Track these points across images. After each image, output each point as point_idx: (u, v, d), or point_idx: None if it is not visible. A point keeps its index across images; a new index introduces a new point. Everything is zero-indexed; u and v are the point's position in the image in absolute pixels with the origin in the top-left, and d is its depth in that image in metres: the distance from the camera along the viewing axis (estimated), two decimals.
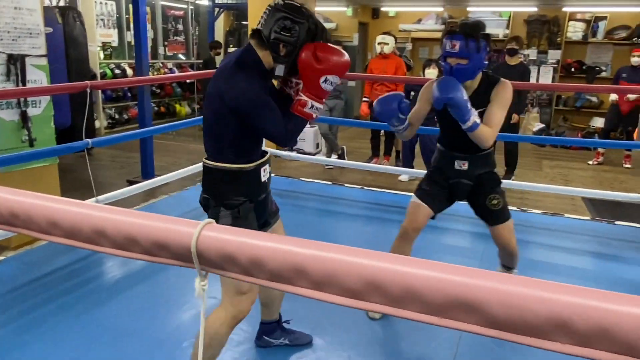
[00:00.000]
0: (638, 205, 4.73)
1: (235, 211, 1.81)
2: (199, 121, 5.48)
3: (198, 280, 0.64)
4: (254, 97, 1.68)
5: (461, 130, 2.24)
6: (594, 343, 0.44)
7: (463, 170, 2.45)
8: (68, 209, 0.65)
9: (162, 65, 9.36)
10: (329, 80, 1.75)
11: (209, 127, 1.81)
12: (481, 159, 2.46)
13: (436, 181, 2.52)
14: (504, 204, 2.45)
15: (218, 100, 1.72)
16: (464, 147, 2.41)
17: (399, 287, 0.49)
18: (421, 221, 2.48)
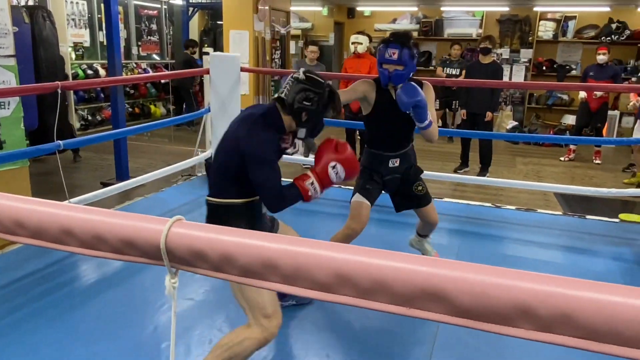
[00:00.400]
0: (607, 200, 4.87)
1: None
2: (175, 121, 5.43)
3: (168, 278, 0.63)
4: (266, 153, 1.90)
5: (393, 132, 2.67)
6: (556, 328, 0.45)
7: (395, 167, 2.73)
8: (34, 209, 0.63)
9: (135, 65, 9.22)
10: (337, 169, 2.03)
11: (219, 165, 1.97)
12: (408, 155, 2.77)
13: (374, 180, 2.73)
14: (426, 189, 2.79)
15: (234, 141, 1.90)
16: (395, 147, 2.72)
17: (368, 279, 0.50)
18: (366, 218, 2.69)
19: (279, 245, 0.54)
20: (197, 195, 4.60)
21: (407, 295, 0.49)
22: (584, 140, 7.12)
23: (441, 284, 0.48)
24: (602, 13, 8.89)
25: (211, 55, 4.70)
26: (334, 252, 0.52)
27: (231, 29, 6.80)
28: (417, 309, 0.50)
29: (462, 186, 5.47)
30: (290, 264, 0.53)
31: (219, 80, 4.60)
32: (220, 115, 4.68)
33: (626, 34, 8.74)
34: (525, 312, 0.46)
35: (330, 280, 0.51)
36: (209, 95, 4.71)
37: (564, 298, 0.45)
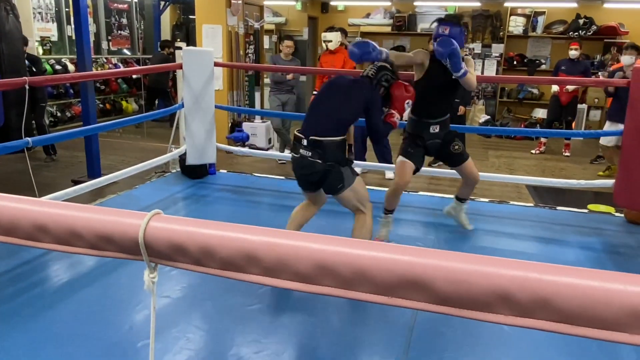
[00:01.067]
0: (577, 191, 4.99)
1: (350, 166, 2.72)
2: (147, 117, 5.34)
3: (147, 273, 0.62)
4: (380, 104, 2.81)
5: (439, 99, 3.20)
6: (535, 313, 0.46)
7: (436, 132, 3.26)
8: (5, 205, 0.61)
9: (106, 60, 9.03)
10: (409, 103, 2.92)
11: (337, 111, 2.68)
12: (446, 123, 3.31)
13: (417, 144, 3.27)
14: (463, 148, 3.35)
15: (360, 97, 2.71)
16: (436, 114, 3.23)
17: (349, 269, 0.50)
18: (410, 176, 3.28)
19: (260, 237, 0.54)
20: (171, 191, 4.54)
21: (388, 284, 0.49)
22: (554, 133, 7.28)
23: (422, 273, 0.48)
24: (569, 9, 9.09)
25: (184, 50, 4.63)
26: (314, 244, 0.52)
27: (204, 24, 6.71)
28: (399, 297, 0.50)
29: (436, 180, 5.54)
30: (271, 256, 0.52)
31: (193, 75, 4.54)
32: (194, 110, 4.62)
33: (593, 29, 8.96)
34: (504, 298, 0.47)
35: (312, 272, 0.51)
36: (182, 91, 4.64)
37: (542, 283, 0.46)
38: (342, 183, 2.65)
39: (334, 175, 2.62)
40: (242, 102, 7.29)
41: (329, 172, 2.61)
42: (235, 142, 6.62)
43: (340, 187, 2.66)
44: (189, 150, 4.70)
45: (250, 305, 2.62)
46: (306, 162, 2.61)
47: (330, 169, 2.60)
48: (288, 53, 6.03)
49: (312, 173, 2.64)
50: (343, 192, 2.68)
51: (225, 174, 5.22)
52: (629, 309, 0.44)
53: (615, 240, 3.79)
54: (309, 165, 2.61)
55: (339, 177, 2.63)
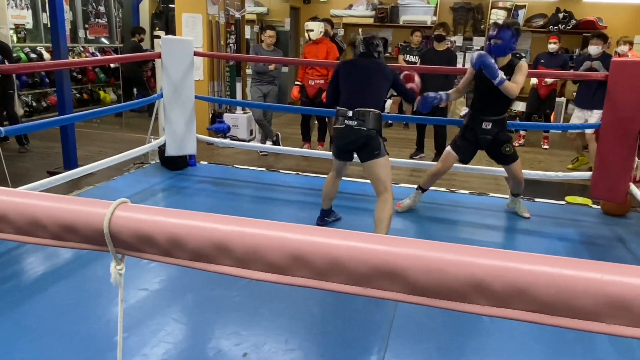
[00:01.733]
0: (554, 183, 5.07)
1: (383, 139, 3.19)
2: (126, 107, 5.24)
3: (113, 265, 0.59)
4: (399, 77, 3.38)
5: (491, 98, 3.49)
6: (511, 303, 0.46)
7: (488, 129, 3.60)
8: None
9: (83, 49, 8.82)
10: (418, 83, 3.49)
11: (376, 90, 3.17)
12: (499, 121, 3.63)
13: (467, 138, 3.71)
14: (513, 150, 3.69)
15: (386, 75, 3.20)
16: (490, 112, 3.58)
17: (324, 259, 0.48)
18: (451, 164, 3.83)
19: (231, 227, 0.52)
20: (150, 183, 4.48)
21: (363, 274, 0.48)
22: (533, 126, 7.37)
23: (397, 263, 0.47)
24: (549, 3, 9.18)
25: (163, 39, 4.54)
26: (288, 233, 0.50)
27: (184, 12, 6.60)
28: (374, 288, 0.49)
29: (417, 172, 5.56)
30: (243, 246, 0.50)
31: (172, 64, 4.46)
32: (173, 100, 4.55)
33: (572, 23, 9.06)
34: (481, 288, 0.46)
35: (286, 262, 0.50)
36: (161, 81, 4.56)
37: (518, 273, 0.45)
38: (378, 150, 3.12)
39: (374, 142, 3.11)
40: (223, 93, 7.20)
41: (371, 138, 3.09)
42: (216, 133, 6.55)
43: (376, 154, 3.12)
44: (169, 141, 4.63)
45: (231, 298, 2.60)
46: (352, 130, 3.10)
47: (372, 136, 3.09)
48: (270, 43, 5.96)
49: (356, 139, 3.11)
50: (377, 159, 3.12)
51: (205, 166, 5.16)
52: (605, 298, 0.43)
53: (592, 231, 3.86)
54: (354, 132, 3.10)
55: (377, 144, 3.11)
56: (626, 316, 0.43)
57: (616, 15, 9.03)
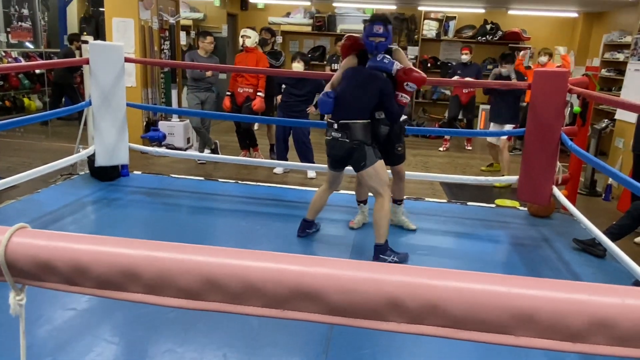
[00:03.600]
0: (485, 187, 5.30)
1: (374, 148, 3.19)
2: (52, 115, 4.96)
3: (12, 295, 0.55)
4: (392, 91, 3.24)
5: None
6: (425, 319, 0.46)
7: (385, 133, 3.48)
8: None
9: (4, 54, 8.31)
10: (410, 85, 3.23)
11: (358, 99, 3.16)
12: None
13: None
14: (404, 151, 3.68)
15: (377, 86, 3.16)
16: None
17: (238, 282, 0.47)
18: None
19: (139, 251, 0.49)
20: (79, 195, 4.26)
21: (280, 296, 0.47)
22: (464, 133, 7.74)
23: (313, 283, 0.46)
24: (478, 14, 9.63)
25: (91, 44, 4.35)
26: (199, 256, 0.48)
27: (114, 17, 6.37)
28: (291, 310, 0.47)
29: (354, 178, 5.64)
30: (152, 271, 0.48)
31: (101, 71, 4.28)
32: (103, 108, 4.36)
33: (499, 34, 9.55)
34: (395, 306, 0.46)
35: (198, 287, 0.47)
36: (90, 88, 4.36)
37: (430, 289, 0.45)
38: (364, 161, 3.15)
39: (359, 153, 3.14)
40: (157, 100, 7.00)
41: (355, 149, 3.13)
42: (150, 142, 6.34)
43: (363, 165, 3.16)
44: (99, 151, 4.43)
45: (164, 314, 2.50)
46: (337, 142, 3.17)
47: (356, 147, 3.13)
48: (209, 50, 5.86)
49: (341, 151, 3.19)
50: (366, 169, 3.16)
51: (139, 176, 4.97)
52: (512, 311, 0.44)
53: (520, 232, 4.05)
54: (339, 144, 3.16)
55: (362, 154, 3.14)
56: (534, 328, 0.44)
57: (539, 27, 9.61)
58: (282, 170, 5.73)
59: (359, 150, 3.12)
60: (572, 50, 9.40)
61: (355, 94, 3.16)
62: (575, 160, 4.32)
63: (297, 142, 5.54)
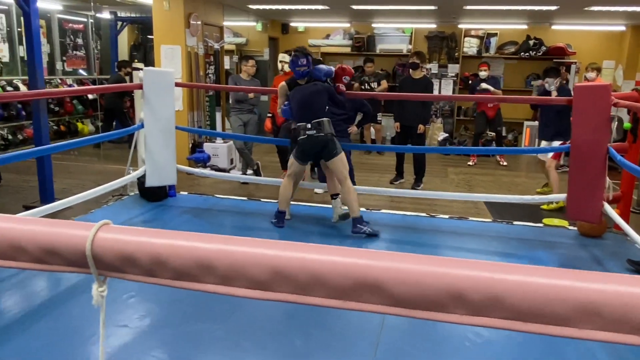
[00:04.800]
0: (532, 206, 5.16)
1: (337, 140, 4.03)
2: (104, 138, 5.21)
3: (95, 287, 0.59)
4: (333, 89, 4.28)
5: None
6: (488, 312, 0.47)
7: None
8: None
9: (60, 81, 8.79)
10: (347, 78, 4.47)
11: (316, 103, 4.01)
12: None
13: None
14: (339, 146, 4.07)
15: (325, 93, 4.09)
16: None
17: (305, 274, 0.49)
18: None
19: (213, 245, 0.52)
20: (130, 215, 4.42)
21: (344, 288, 0.49)
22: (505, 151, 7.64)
23: (376, 275, 0.48)
24: (520, 30, 9.52)
25: (145, 70, 4.56)
26: (269, 249, 0.51)
27: (162, 44, 6.66)
28: (354, 301, 0.50)
29: (398, 197, 5.61)
30: (225, 263, 0.51)
31: (152, 95, 4.47)
32: (154, 131, 4.54)
33: (542, 49, 9.39)
34: (458, 298, 0.47)
35: (268, 278, 0.50)
36: (142, 111, 4.56)
37: (493, 282, 0.47)
38: (336, 149, 3.95)
39: (332, 144, 3.95)
40: (202, 123, 7.22)
41: (329, 141, 3.93)
42: (196, 163, 6.53)
43: (335, 153, 3.94)
44: (149, 172, 4.60)
45: (211, 332, 2.55)
46: (314, 138, 3.90)
47: (330, 139, 3.93)
48: (251, 73, 6.05)
49: (317, 145, 3.93)
50: (337, 157, 3.95)
51: (185, 196, 5.12)
52: (576, 304, 0.45)
53: (569, 252, 3.92)
54: (316, 139, 3.90)
55: (334, 144, 3.95)
56: (596, 321, 0.44)
57: (585, 42, 9.39)
58: (322, 190, 5.77)
59: (332, 142, 3.94)
60: (620, 65, 9.12)
61: (312, 99, 3.98)
62: (628, 177, 4.17)
63: None
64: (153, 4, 6.65)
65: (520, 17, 8.67)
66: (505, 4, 7.10)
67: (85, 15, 9.60)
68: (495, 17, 8.70)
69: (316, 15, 9.14)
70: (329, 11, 8.33)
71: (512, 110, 9.44)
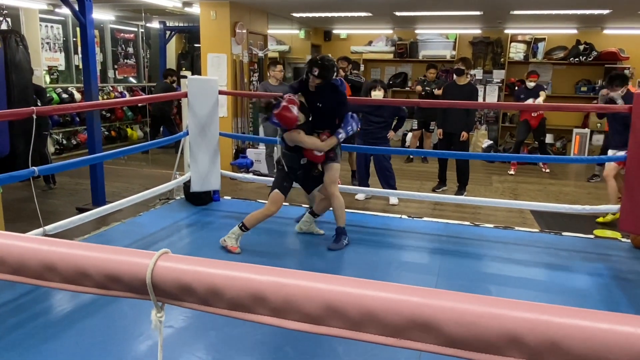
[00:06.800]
0: (582, 216, 4.97)
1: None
2: (153, 145, 5.38)
3: (154, 312, 0.62)
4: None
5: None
6: (545, 356, 0.46)
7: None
8: (13, 244, 0.62)
9: (112, 89, 9.15)
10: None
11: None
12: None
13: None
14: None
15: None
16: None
17: (358, 310, 0.50)
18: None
19: (268, 277, 0.54)
20: (175, 219, 4.55)
21: (397, 326, 0.49)
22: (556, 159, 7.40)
23: (431, 314, 0.48)
24: (570, 35, 9.21)
25: (189, 78, 4.70)
26: (322, 284, 0.52)
27: (209, 52, 6.82)
28: (407, 339, 0.49)
29: (440, 205, 5.53)
30: (279, 296, 0.52)
31: (198, 103, 4.59)
32: (199, 138, 4.66)
33: (593, 54, 9.05)
34: (514, 341, 0.46)
35: (320, 313, 0.51)
36: (187, 119, 4.69)
37: (551, 326, 0.46)
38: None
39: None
40: (246, 129, 7.35)
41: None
42: (239, 169, 6.65)
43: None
44: (194, 177, 4.72)
45: (254, 336, 2.59)
46: None
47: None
48: (279, 78, 6.13)
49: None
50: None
51: (229, 201, 5.22)
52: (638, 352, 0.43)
53: (623, 266, 3.75)
54: None
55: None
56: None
57: (638, 46, 8.99)
58: (364, 197, 5.75)
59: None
60: None
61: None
62: None
63: (379, 168, 5.55)
64: (200, 14, 6.83)
65: (570, 22, 8.39)
66: (554, 8, 6.89)
67: (136, 25, 9.96)
68: (543, 22, 8.46)
69: (359, 22, 9.15)
70: (371, 18, 8.31)
71: (561, 117, 9.15)
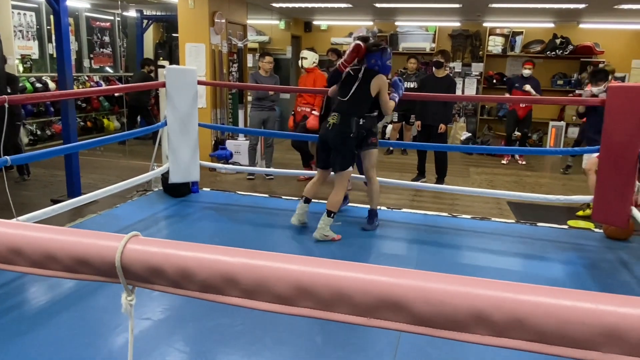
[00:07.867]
0: (557, 208, 5.07)
1: None
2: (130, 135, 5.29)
3: (124, 296, 0.61)
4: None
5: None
6: (510, 332, 0.47)
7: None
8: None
9: (87, 78, 8.97)
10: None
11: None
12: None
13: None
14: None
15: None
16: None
17: (328, 290, 0.50)
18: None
19: (238, 259, 0.53)
20: (153, 210, 4.49)
21: (367, 305, 0.49)
22: (531, 151, 7.51)
23: (400, 294, 0.48)
24: (547, 29, 9.34)
25: (167, 68, 4.63)
26: (293, 265, 0.52)
27: (187, 42, 6.73)
28: (377, 319, 0.50)
29: (419, 197, 5.58)
30: (250, 277, 0.52)
31: (176, 93, 4.53)
32: (177, 128, 4.60)
33: (569, 48, 9.20)
34: (480, 318, 0.47)
35: (291, 293, 0.51)
36: (165, 109, 4.62)
37: (516, 303, 0.46)
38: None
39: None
40: (225, 120, 7.28)
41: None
42: (218, 160, 6.60)
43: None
44: (172, 168, 4.66)
45: (233, 327, 2.58)
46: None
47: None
48: (268, 69, 6.09)
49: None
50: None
51: (208, 192, 5.18)
52: (601, 327, 0.44)
53: (595, 255, 3.84)
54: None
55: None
56: (621, 345, 0.44)
57: (613, 40, 9.17)
58: None
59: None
60: None
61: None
62: None
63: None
64: (178, 3, 6.73)
65: (547, 16, 8.51)
66: (531, 2, 6.97)
67: (112, 14, 9.76)
68: (521, 16, 8.56)
69: (339, 13, 9.13)
70: (351, 9, 8.30)
71: (537, 110, 9.28)
